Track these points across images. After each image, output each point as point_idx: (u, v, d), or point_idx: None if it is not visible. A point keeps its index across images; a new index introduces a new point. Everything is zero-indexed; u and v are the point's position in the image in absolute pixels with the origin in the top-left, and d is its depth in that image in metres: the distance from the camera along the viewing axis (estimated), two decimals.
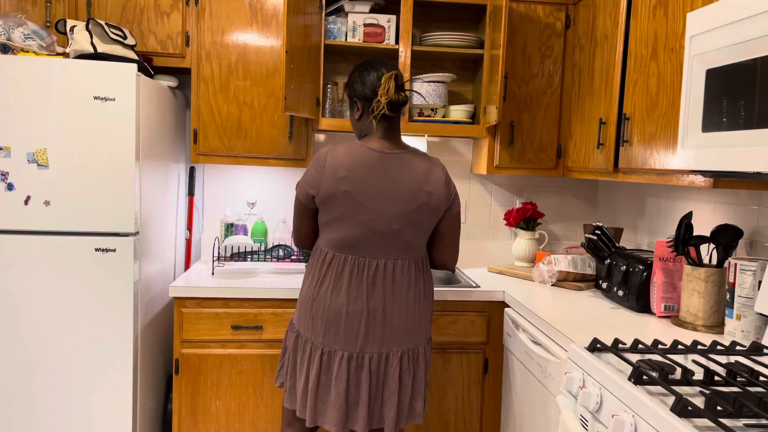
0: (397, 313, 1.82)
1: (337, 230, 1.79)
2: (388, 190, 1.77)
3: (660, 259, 2.04)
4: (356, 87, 1.86)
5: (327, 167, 1.76)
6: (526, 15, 2.62)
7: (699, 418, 1.15)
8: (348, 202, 1.76)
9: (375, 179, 1.77)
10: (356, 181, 1.75)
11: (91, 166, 2.14)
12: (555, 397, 1.83)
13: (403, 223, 1.79)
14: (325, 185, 1.76)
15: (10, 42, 2.17)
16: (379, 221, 1.77)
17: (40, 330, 2.17)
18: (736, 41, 1.33)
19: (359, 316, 1.78)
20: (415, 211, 1.80)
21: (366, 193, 1.76)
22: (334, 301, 1.79)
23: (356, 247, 1.79)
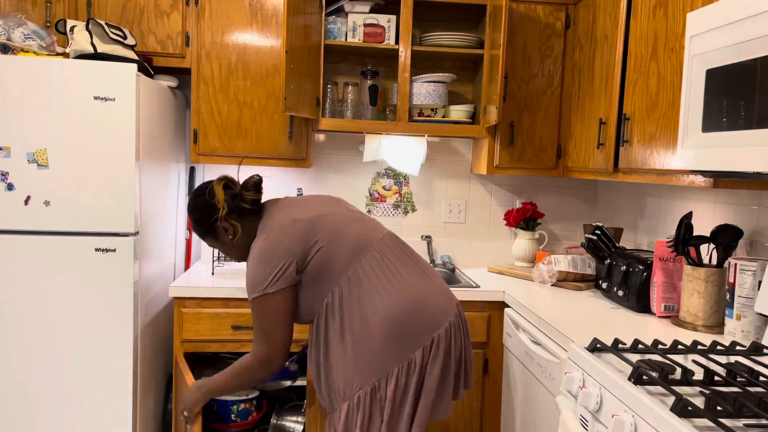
0: (432, 272, 1.78)
1: (339, 253, 1.67)
2: (314, 203, 1.78)
3: (660, 259, 2.04)
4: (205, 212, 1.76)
5: (283, 239, 1.64)
6: (526, 15, 2.62)
7: (699, 418, 1.15)
8: (321, 227, 1.69)
9: (304, 205, 1.75)
10: (305, 211, 1.72)
11: (91, 166, 2.14)
12: (555, 397, 1.83)
13: (355, 212, 1.82)
14: (296, 242, 1.64)
15: (10, 42, 2.17)
16: (343, 214, 1.75)
17: (40, 330, 2.17)
18: (736, 41, 1.33)
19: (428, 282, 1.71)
20: (342, 205, 1.84)
21: (315, 210, 1.73)
22: (399, 298, 1.63)
23: (365, 245, 1.70)
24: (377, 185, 2.99)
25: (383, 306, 1.62)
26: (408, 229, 3.01)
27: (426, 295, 1.67)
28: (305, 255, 1.64)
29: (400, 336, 1.61)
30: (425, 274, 1.74)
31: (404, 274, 1.69)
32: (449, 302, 1.71)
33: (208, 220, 1.75)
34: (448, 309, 1.69)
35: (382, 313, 1.62)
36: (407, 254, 1.76)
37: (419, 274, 1.72)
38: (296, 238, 1.64)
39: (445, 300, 1.71)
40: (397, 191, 3.00)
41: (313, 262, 1.65)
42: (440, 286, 1.74)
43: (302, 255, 1.64)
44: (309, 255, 1.65)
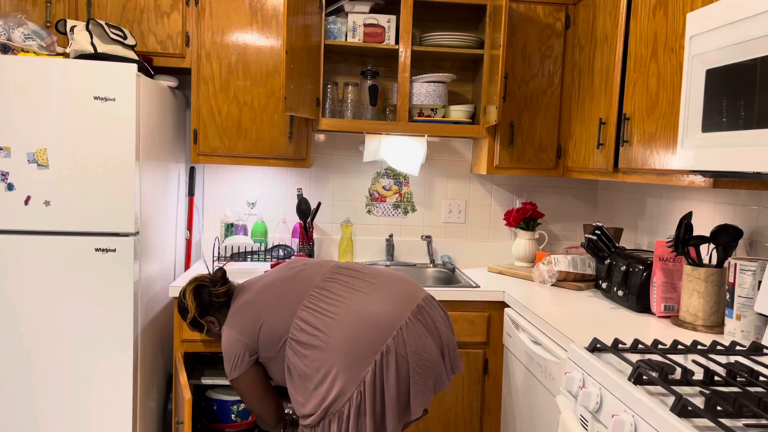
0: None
1: (278, 316, 1.83)
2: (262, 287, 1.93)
3: (660, 259, 2.04)
4: (187, 314, 2.00)
5: (233, 332, 1.87)
6: (526, 15, 2.62)
7: (699, 418, 1.15)
8: (263, 302, 1.87)
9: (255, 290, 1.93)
10: (253, 297, 1.90)
11: (91, 166, 2.14)
12: (555, 397, 1.83)
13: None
14: (245, 332, 1.86)
15: (10, 42, 2.17)
16: (284, 274, 1.93)
17: (40, 330, 2.17)
18: (736, 41, 1.33)
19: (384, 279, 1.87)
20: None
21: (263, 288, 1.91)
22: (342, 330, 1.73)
23: (299, 296, 1.83)
24: (377, 185, 2.99)
25: (327, 341, 1.72)
26: (408, 229, 3.01)
27: (370, 311, 1.74)
28: (254, 338, 1.85)
29: (351, 362, 1.69)
30: (373, 289, 1.81)
31: (346, 301, 1.78)
32: (403, 305, 1.76)
33: (188, 319, 2.00)
34: (398, 313, 1.74)
35: (328, 348, 1.72)
36: (352, 278, 1.85)
37: (363, 293, 1.80)
38: (245, 328, 1.85)
39: (395, 306, 1.76)
40: (397, 191, 3.00)
41: (261, 339, 1.84)
42: (392, 292, 1.80)
43: (251, 340, 1.85)
44: (257, 336, 1.84)
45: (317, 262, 1.97)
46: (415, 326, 1.75)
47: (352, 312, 1.74)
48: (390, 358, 1.69)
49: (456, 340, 2.40)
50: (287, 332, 1.79)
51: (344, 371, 1.68)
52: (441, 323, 1.82)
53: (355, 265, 1.93)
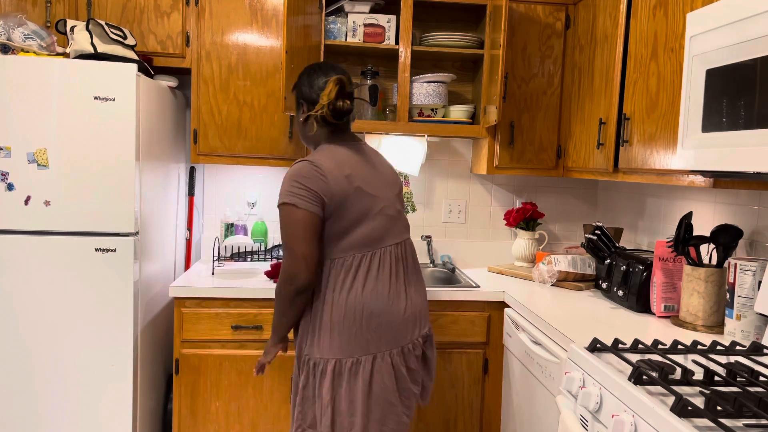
0: (422, 288, 1.90)
1: (363, 226, 1.73)
2: (381, 177, 1.85)
3: (660, 259, 2.04)
4: (303, 89, 1.84)
5: (326, 173, 1.70)
6: (526, 15, 2.62)
7: (699, 418, 1.15)
8: (363, 197, 1.74)
9: (367, 170, 1.80)
10: (359, 177, 1.75)
11: (91, 166, 2.14)
12: (555, 397, 1.83)
13: (400, 203, 1.91)
14: (336, 189, 1.69)
15: (10, 42, 2.17)
16: (389, 206, 1.82)
17: (40, 330, 2.17)
18: (736, 41, 1.33)
19: (407, 302, 1.80)
20: (399, 190, 1.93)
21: (371, 184, 1.78)
22: (388, 299, 1.73)
23: (383, 237, 1.77)
24: None
25: (355, 300, 1.72)
26: None
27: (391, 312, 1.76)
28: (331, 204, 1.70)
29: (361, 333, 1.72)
30: (404, 297, 1.80)
31: (402, 278, 1.81)
32: (411, 329, 1.80)
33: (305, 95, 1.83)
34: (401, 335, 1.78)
35: (353, 305, 1.72)
36: (403, 271, 1.82)
37: (400, 294, 1.79)
38: (334, 190, 1.69)
39: (406, 326, 1.79)
40: None
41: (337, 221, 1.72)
42: (411, 310, 1.81)
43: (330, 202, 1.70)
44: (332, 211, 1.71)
45: (400, 219, 1.86)
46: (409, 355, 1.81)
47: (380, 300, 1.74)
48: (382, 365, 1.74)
49: (456, 340, 2.41)
50: (336, 252, 1.72)
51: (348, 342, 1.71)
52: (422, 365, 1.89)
53: (409, 259, 1.88)
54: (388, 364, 1.73)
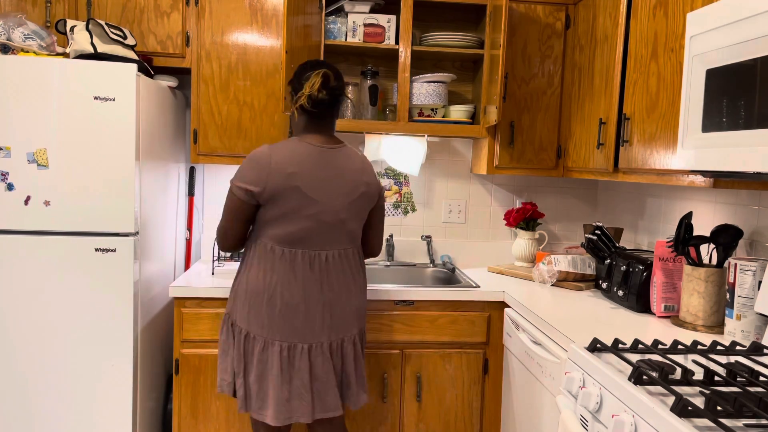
0: (346, 300, 1.92)
1: (286, 225, 1.83)
2: (333, 182, 1.86)
3: (660, 259, 2.04)
4: (294, 82, 1.94)
5: (273, 164, 1.80)
6: (526, 15, 2.62)
7: (699, 418, 1.15)
8: (297, 197, 1.81)
9: (320, 172, 1.84)
10: (304, 176, 1.82)
11: (91, 166, 2.14)
12: (555, 397, 1.83)
13: (348, 213, 1.89)
14: (272, 182, 1.79)
15: (10, 42, 2.17)
16: (327, 212, 1.85)
17: (40, 330, 2.17)
18: (736, 41, 1.33)
19: (318, 307, 1.87)
20: (357, 200, 1.90)
21: (314, 187, 1.83)
22: (292, 296, 1.84)
23: (307, 240, 1.85)
24: None
25: (286, 290, 1.84)
26: (408, 229, 3.01)
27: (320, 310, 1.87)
28: (262, 195, 1.81)
29: (261, 316, 1.85)
30: (313, 301, 1.86)
31: (319, 283, 1.87)
32: (316, 333, 1.87)
33: (295, 87, 1.93)
34: (310, 336, 1.86)
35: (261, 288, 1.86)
36: (327, 277, 1.88)
37: (307, 297, 1.86)
38: (270, 181, 1.79)
39: (305, 328, 1.86)
40: (397, 191, 3.00)
41: (268, 210, 1.83)
42: (320, 316, 1.87)
43: (262, 192, 1.80)
44: (265, 200, 1.82)
45: (338, 230, 1.89)
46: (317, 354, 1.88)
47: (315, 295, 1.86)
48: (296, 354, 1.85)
49: (456, 340, 2.41)
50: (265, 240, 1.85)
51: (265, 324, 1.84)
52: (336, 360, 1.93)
53: (341, 268, 1.92)
54: (276, 353, 1.84)
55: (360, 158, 1.94)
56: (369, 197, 1.93)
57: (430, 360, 2.41)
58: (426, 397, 2.43)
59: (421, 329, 2.39)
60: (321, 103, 1.85)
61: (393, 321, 2.37)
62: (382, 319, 2.37)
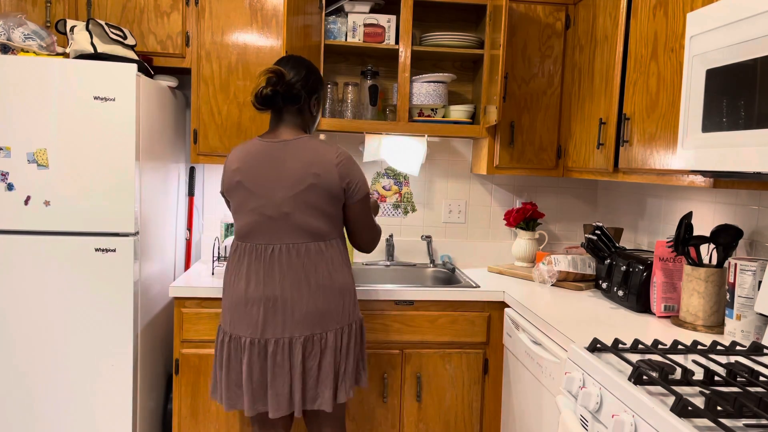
0: (298, 298, 1.84)
1: (238, 219, 1.91)
2: (274, 176, 1.85)
3: (660, 259, 2.04)
4: (320, 87, 2.01)
5: (226, 163, 1.94)
6: (526, 15, 2.62)
7: (699, 418, 1.15)
8: (241, 192, 1.87)
9: (262, 167, 1.86)
10: (246, 172, 1.87)
11: (91, 166, 2.14)
12: (555, 397, 1.83)
13: (293, 206, 1.84)
14: (225, 179, 1.92)
15: (10, 42, 2.17)
16: (269, 206, 1.85)
17: (40, 330, 2.17)
18: (736, 41, 1.33)
19: (258, 302, 1.84)
20: (303, 192, 1.84)
21: (254, 182, 1.86)
22: (236, 288, 1.88)
23: (252, 234, 1.87)
24: (377, 185, 2.99)
25: (232, 283, 1.90)
26: (408, 229, 3.01)
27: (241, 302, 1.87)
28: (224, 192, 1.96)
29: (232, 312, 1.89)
30: (262, 296, 1.85)
31: (261, 277, 1.86)
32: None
33: (316, 89, 1.97)
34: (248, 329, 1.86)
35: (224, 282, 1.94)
36: (276, 271, 1.85)
37: (257, 291, 1.85)
38: (225, 178, 1.94)
39: (255, 322, 1.85)
40: (397, 191, 3.00)
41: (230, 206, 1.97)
42: (271, 311, 1.85)
43: (223, 190, 1.96)
44: (226, 197, 1.96)
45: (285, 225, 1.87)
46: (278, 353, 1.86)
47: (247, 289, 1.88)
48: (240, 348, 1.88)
49: (456, 340, 2.41)
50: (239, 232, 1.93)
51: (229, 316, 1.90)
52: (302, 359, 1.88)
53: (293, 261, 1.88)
54: (221, 344, 1.90)
55: (314, 149, 1.86)
56: (321, 189, 1.84)
57: (430, 360, 2.41)
58: (426, 397, 2.43)
59: (421, 329, 2.39)
60: (266, 100, 1.86)
61: (393, 321, 2.38)
62: (382, 319, 2.37)
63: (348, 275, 1.94)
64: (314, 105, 1.98)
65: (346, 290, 1.92)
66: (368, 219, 1.99)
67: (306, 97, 1.92)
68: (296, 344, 1.84)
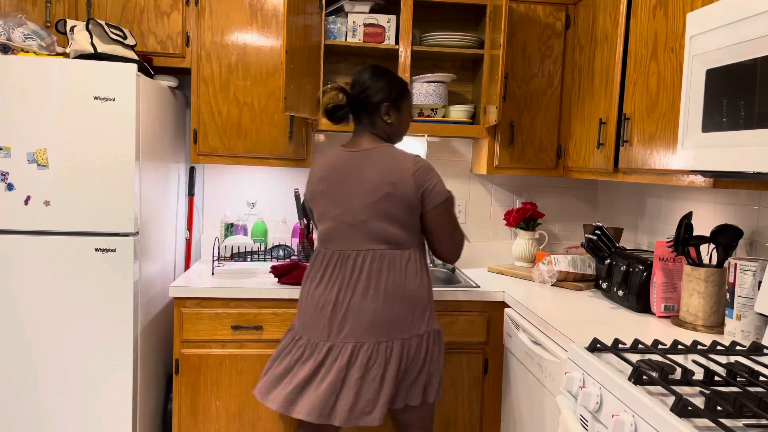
0: (366, 305, 1.83)
1: (320, 225, 1.96)
2: (353, 184, 1.88)
3: (660, 259, 2.04)
4: (405, 92, 2.05)
5: (311, 172, 2.00)
6: (526, 15, 2.62)
7: (699, 418, 1.15)
8: (324, 200, 1.93)
9: (342, 176, 1.91)
10: (328, 181, 1.92)
11: (91, 166, 2.14)
12: (555, 397, 1.83)
13: (369, 214, 1.86)
14: (309, 188, 2.00)
15: (10, 42, 2.17)
16: (347, 214, 1.88)
17: (40, 330, 2.17)
18: (736, 41, 1.33)
19: (328, 306, 1.86)
20: (380, 201, 1.85)
21: (335, 190, 1.91)
22: (311, 291, 1.92)
23: (331, 240, 1.91)
24: None
25: (309, 287, 1.95)
26: None
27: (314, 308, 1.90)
28: (307, 200, 2.05)
29: (305, 314, 1.93)
30: (333, 302, 1.87)
31: (336, 281, 1.88)
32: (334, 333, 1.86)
33: (387, 97, 1.96)
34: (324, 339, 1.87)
35: (305, 292, 1.96)
36: (348, 278, 1.87)
37: (330, 297, 1.88)
38: (309, 187, 2.04)
39: (323, 328, 1.87)
40: None
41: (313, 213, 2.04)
42: (340, 317, 1.85)
43: (306, 198, 2.06)
44: (309, 204, 2.04)
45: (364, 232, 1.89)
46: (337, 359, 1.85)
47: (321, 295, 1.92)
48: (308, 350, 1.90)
49: (456, 340, 2.41)
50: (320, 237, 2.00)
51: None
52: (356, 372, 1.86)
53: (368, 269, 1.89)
54: (296, 348, 1.91)
55: (392, 158, 1.88)
56: (397, 198, 1.84)
57: None
58: None
59: None
60: (330, 114, 1.98)
61: None
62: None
63: (422, 285, 1.91)
64: (389, 113, 1.95)
65: (417, 299, 1.88)
66: (447, 227, 1.93)
67: (376, 106, 1.94)
68: (360, 351, 1.82)
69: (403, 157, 1.88)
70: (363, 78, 1.95)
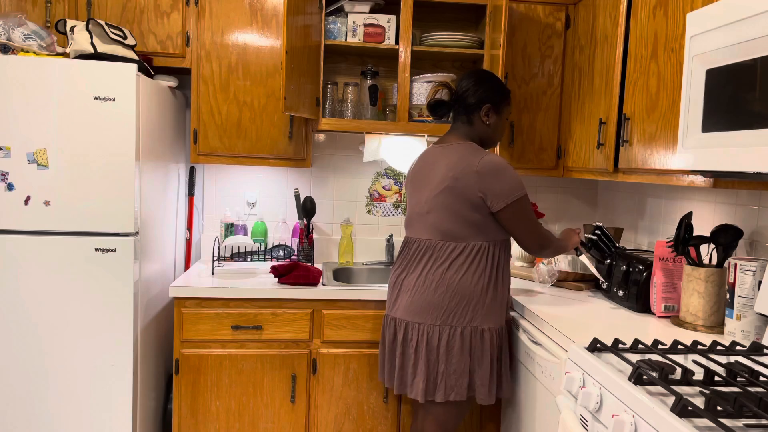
0: (413, 288, 1.98)
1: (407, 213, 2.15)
2: (427, 177, 2.01)
3: (660, 259, 2.04)
4: (505, 96, 2.12)
5: (411, 166, 2.16)
6: (526, 15, 2.62)
7: (699, 418, 1.15)
8: (408, 190, 2.12)
9: (423, 168, 2.05)
10: (413, 172, 2.10)
11: (91, 166, 2.14)
12: (555, 397, 1.83)
13: (431, 206, 1.97)
14: (406, 181, 2.16)
15: (10, 42, 2.17)
16: (418, 204, 2.03)
17: (40, 330, 2.17)
18: (736, 41, 1.33)
19: (393, 286, 2.07)
20: (441, 194, 1.94)
21: (416, 181, 2.06)
22: (392, 272, 2.12)
23: (407, 227, 2.09)
24: (377, 185, 2.99)
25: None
26: None
27: (394, 287, 2.08)
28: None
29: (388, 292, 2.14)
30: (395, 281, 2.07)
31: (403, 263, 2.07)
32: (393, 311, 2.05)
33: (487, 99, 2.01)
34: (391, 311, 2.07)
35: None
36: (408, 263, 2.05)
37: (397, 277, 2.07)
38: (406, 181, 2.21)
39: (389, 303, 2.09)
40: (397, 191, 3.00)
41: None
42: (395, 295, 2.06)
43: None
44: None
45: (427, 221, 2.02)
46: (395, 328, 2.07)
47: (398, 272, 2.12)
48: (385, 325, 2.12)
49: None
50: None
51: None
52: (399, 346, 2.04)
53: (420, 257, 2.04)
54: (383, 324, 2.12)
55: (461, 154, 1.94)
56: (457, 192, 1.90)
57: None
58: None
59: None
60: (432, 109, 2.07)
61: None
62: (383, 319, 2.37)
63: (472, 281, 1.94)
64: (488, 114, 2.01)
65: (460, 293, 1.94)
66: (518, 229, 1.96)
67: (478, 106, 1.99)
68: (403, 327, 1.99)
69: (472, 154, 1.93)
70: (470, 78, 2.02)
